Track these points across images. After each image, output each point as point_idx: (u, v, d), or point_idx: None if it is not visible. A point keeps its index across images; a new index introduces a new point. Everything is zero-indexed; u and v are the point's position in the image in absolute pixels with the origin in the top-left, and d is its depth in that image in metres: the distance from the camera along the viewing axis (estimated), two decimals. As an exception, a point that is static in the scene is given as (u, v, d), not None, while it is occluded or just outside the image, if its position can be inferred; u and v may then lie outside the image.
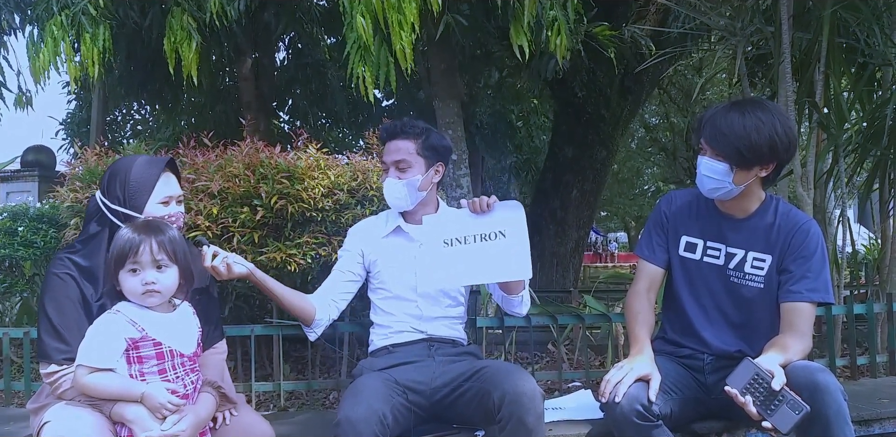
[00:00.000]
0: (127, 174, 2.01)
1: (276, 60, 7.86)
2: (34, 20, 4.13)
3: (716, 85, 10.04)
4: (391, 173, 2.42)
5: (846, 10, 3.22)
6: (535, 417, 1.99)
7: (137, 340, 1.77)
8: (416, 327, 2.39)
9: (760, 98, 2.31)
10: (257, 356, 2.91)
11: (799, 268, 2.19)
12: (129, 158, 2.10)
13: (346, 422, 1.93)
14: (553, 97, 8.10)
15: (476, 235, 2.24)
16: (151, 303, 1.82)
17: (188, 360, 1.85)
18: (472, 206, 2.27)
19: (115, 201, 1.99)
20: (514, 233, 2.22)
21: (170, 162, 2.10)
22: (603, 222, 30.75)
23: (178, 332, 1.86)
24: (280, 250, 2.81)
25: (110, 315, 1.80)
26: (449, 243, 2.26)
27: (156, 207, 2.02)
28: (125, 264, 1.80)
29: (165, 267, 1.82)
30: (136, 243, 1.79)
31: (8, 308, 4.23)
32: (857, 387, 2.94)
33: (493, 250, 2.22)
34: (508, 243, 2.21)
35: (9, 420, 2.57)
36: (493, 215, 2.25)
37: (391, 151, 2.43)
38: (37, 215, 3.82)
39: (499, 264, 2.22)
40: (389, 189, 2.43)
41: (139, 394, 1.73)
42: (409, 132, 2.43)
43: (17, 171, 8.43)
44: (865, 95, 3.63)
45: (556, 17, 3.79)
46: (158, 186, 2.02)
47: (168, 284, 1.83)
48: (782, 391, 1.89)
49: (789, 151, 2.14)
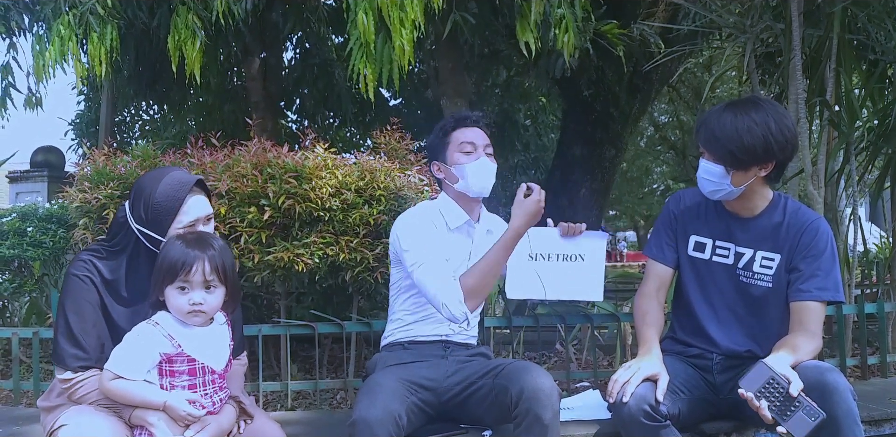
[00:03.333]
0: (151, 195, 1.88)
1: (284, 60, 7.86)
2: (41, 19, 4.14)
3: (725, 83, 10.01)
4: (482, 155, 2.39)
5: (857, 6, 3.19)
6: (552, 413, 1.99)
7: (172, 355, 1.77)
8: (442, 330, 2.36)
9: (757, 97, 2.29)
10: (265, 356, 2.91)
11: (808, 267, 2.18)
12: (157, 174, 1.96)
13: (361, 422, 1.92)
14: (561, 96, 8.07)
15: (559, 254, 2.48)
16: (195, 322, 1.81)
17: (218, 377, 1.85)
18: (565, 230, 2.47)
19: (139, 221, 1.90)
20: (593, 259, 2.49)
21: (199, 182, 1.97)
22: (612, 221, 30.69)
23: (212, 347, 1.85)
24: (288, 250, 2.80)
25: (149, 327, 1.78)
26: (534, 257, 2.46)
27: (179, 232, 1.89)
28: (175, 281, 1.77)
29: (214, 288, 1.81)
30: (189, 261, 1.76)
31: (17, 308, 4.25)
32: (868, 387, 2.92)
33: (572, 272, 2.47)
34: (587, 267, 2.48)
35: (18, 420, 2.59)
36: (578, 240, 2.49)
37: (478, 136, 2.42)
38: (46, 216, 3.83)
39: (576, 285, 2.48)
40: (485, 171, 2.37)
41: (161, 404, 1.73)
42: (481, 122, 2.47)
43: (27, 171, 8.48)
44: (877, 93, 3.59)
45: (563, 14, 3.78)
46: (184, 211, 1.90)
47: (215, 304, 1.82)
48: (799, 396, 1.87)
49: (786, 150, 2.12)
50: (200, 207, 1.94)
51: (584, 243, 2.48)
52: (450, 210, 2.44)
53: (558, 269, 2.47)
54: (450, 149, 2.41)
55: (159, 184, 1.90)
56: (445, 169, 2.43)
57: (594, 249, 2.49)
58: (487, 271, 2.22)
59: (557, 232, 2.49)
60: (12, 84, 4.62)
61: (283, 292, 3.14)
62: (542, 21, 3.75)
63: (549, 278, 2.46)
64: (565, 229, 2.47)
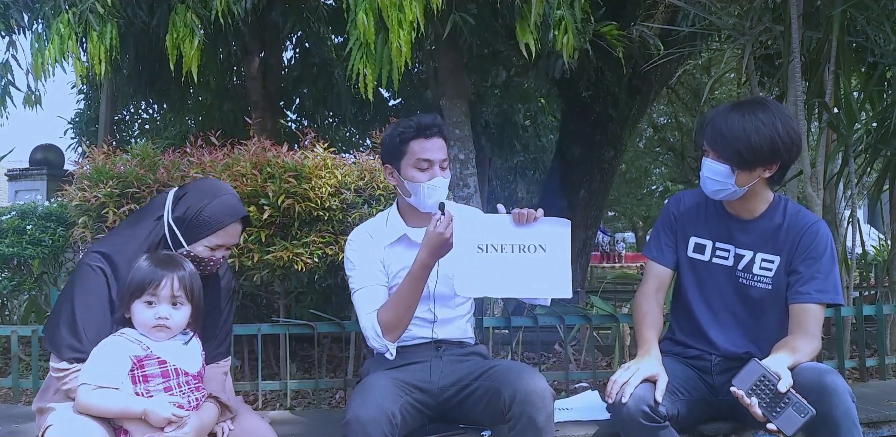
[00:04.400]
0: (203, 208, 1.98)
1: (284, 60, 7.85)
2: (41, 17, 4.14)
3: (724, 84, 10.00)
4: (437, 172, 2.28)
5: (856, 8, 3.20)
6: (546, 416, 1.99)
7: (143, 358, 1.79)
8: (426, 333, 2.35)
9: (763, 98, 2.30)
10: (264, 355, 2.91)
11: (808, 269, 2.18)
12: (216, 190, 2.06)
13: (355, 422, 1.92)
14: (560, 97, 8.07)
15: (514, 244, 2.15)
16: (158, 338, 1.84)
17: (193, 378, 1.86)
18: (518, 217, 2.15)
19: (176, 220, 1.99)
20: (555, 249, 2.16)
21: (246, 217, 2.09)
22: (610, 222, 30.67)
23: (183, 353, 1.88)
24: (287, 249, 2.81)
25: (115, 337, 1.82)
26: (483, 248, 2.14)
27: (203, 248, 2.00)
28: (143, 296, 1.81)
29: (181, 305, 1.85)
30: (158, 276, 1.82)
31: (16, 306, 4.25)
32: (866, 389, 2.93)
33: (531, 264, 2.15)
34: (548, 258, 2.15)
35: (16, 418, 2.59)
36: (535, 228, 2.16)
37: (435, 149, 2.29)
38: (45, 214, 3.82)
39: (538, 279, 2.15)
40: (438, 190, 2.28)
41: (141, 411, 1.74)
42: (443, 130, 2.33)
43: (26, 169, 8.48)
44: (876, 95, 3.60)
45: (563, 16, 3.78)
46: (219, 234, 2.00)
47: (179, 321, 1.85)
48: (788, 393, 1.88)
49: (792, 151, 2.13)
50: (233, 235, 2.05)
51: (543, 230, 2.15)
52: (392, 224, 2.39)
53: (517, 262, 2.14)
54: (405, 160, 2.30)
55: (214, 201, 2.00)
56: (398, 179, 2.34)
57: (556, 237, 2.15)
58: (401, 305, 2.20)
59: (510, 219, 2.16)
60: (12, 82, 4.60)
61: (283, 291, 3.14)
62: (541, 22, 3.75)
63: (506, 272, 2.13)
64: (517, 216, 2.15)
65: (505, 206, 2.22)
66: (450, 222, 2.11)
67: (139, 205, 2.87)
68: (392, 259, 2.34)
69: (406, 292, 2.18)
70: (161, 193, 2.13)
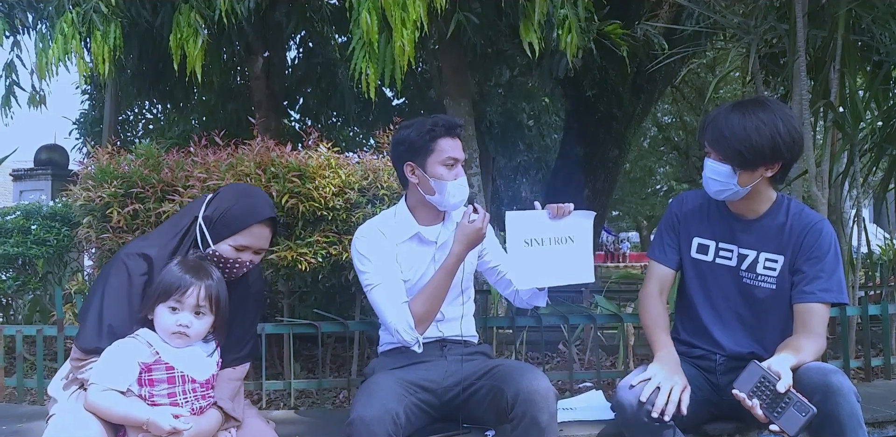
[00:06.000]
0: (231, 207, 2.01)
1: (287, 59, 7.86)
2: (45, 17, 4.15)
3: (729, 83, 9.99)
4: (460, 172, 2.32)
5: (861, 7, 3.19)
6: (549, 416, 1.99)
7: (150, 364, 1.80)
8: (433, 331, 2.34)
9: (764, 97, 2.29)
10: (268, 355, 2.91)
11: (812, 268, 2.17)
12: (249, 190, 2.12)
13: (359, 421, 1.92)
14: (564, 96, 8.07)
15: (551, 237, 2.33)
16: (176, 344, 1.85)
17: (200, 386, 1.87)
18: (555, 211, 2.31)
19: (205, 219, 2.01)
20: (581, 239, 2.37)
21: (273, 218, 2.08)
22: (615, 221, 30.68)
23: (195, 360, 1.88)
24: (291, 249, 2.81)
25: (127, 339, 1.83)
26: (529, 243, 2.30)
27: (228, 248, 2.00)
28: (168, 300, 1.83)
29: (203, 315, 1.86)
30: (186, 283, 1.83)
31: (20, 306, 4.26)
32: (872, 389, 2.92)
33: (564, 254, 2.34)
34: (576, 248, 2.35)
35: (21, 417, 2.59)
36: (566, 220, 2.34)
37: (460, 148, 2.33)
38: (50, 214, 3.84)
39: (566, 267, 2.34)
40: (463, 190, 2.32)
41: (144, 421, 1.74)
42: (460, 130, 2.36)
43: (31, 169, 8.51)
44: (881, 94, 3.59)
45: (566, 15, 3.77)
46: (244, 234, 2.00)
47: (199, 330, 1.87)
48: (788, 392, 1.87)
49: (793, 151, 2.12)
50: (259, 237, 2.04)
51: (572, 222, 2.35)
52: (402, 221, 2.38)
53: (552, 252, 2.32)
54: (433, 157, 2.29)
55: (242, 201, 2.03)
56: (422, 177, 2.31)
57: (582, 229, 2.37)
58: (435, 296, 2.22)
59: (547, 215, 2.33)
60: (16, 82, 4.61)
61: (287, 290, 3.14)
62: (545, 21, 3.75)
63: (546, 263, 2.31)
64: (555, 211, 2.32)
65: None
66: (485, 218, 2.24)
67: (143, 205, 2.88)
68: (403, 257, 2.33)
69: (440, 284, 2.22)
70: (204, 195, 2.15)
